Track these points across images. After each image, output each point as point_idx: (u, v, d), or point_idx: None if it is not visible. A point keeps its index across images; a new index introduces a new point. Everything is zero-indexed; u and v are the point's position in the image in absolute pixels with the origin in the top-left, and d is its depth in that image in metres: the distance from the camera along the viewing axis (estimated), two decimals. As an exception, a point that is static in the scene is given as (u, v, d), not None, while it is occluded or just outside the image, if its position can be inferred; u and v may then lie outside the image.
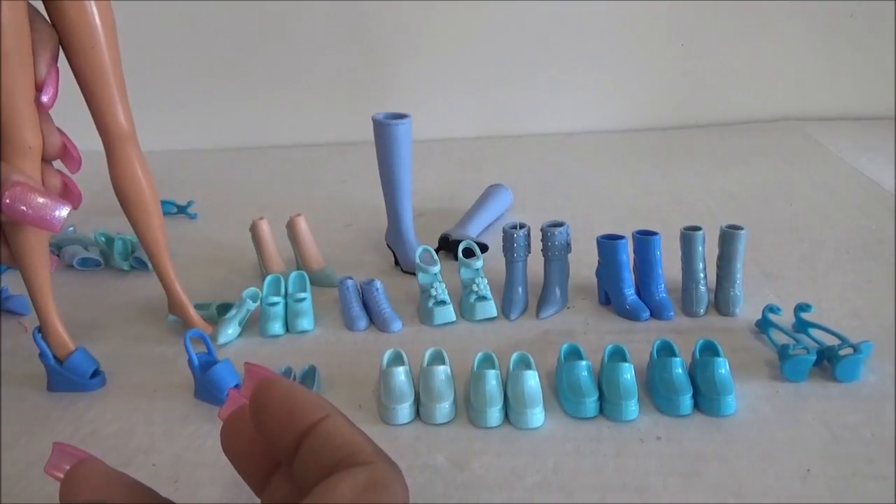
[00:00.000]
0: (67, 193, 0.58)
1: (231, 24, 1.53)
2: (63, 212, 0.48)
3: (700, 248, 0.79)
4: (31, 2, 0.54)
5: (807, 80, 1.51)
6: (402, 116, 0.85)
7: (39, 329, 0.69)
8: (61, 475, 0.28)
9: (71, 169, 0.60)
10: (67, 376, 0.70)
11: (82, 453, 0.30)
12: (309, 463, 0.27)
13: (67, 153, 0.58)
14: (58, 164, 0.60)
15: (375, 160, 0.89)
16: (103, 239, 1.02)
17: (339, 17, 1.49)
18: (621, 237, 0.80)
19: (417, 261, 0.83)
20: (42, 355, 0.70)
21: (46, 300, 0.67)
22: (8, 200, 0.46)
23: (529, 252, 0.82)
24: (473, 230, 1.01)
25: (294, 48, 1.53)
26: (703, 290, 0.79)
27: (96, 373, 0.72)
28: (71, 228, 1.11)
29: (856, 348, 0.65)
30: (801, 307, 0.73)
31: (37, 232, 0.60)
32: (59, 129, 0.58)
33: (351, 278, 0.85)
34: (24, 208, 0.46)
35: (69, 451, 0.32)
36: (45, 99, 0.55)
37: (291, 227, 0.94)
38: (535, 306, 0.82)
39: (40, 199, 0.47)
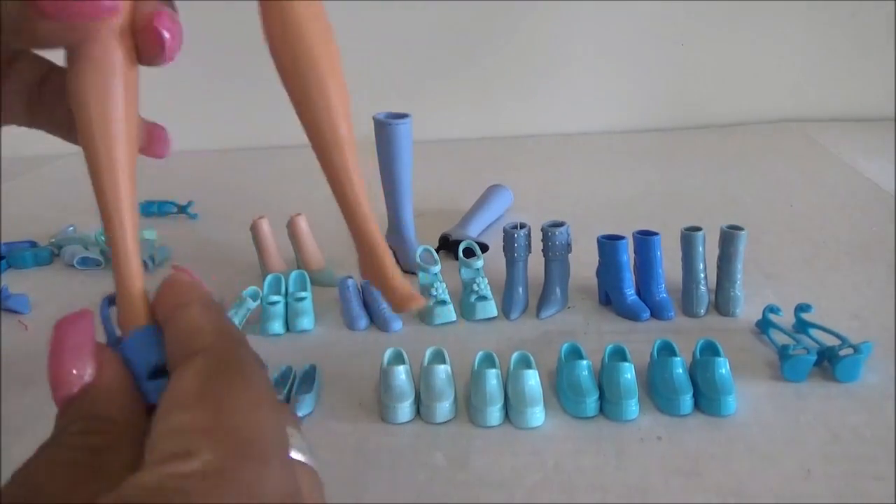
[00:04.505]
0: None
1: (231, 25, 1.53)
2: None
3: (700, 249, 0.79)
4: None
5: (807, 81, 1.51)
6: (402, 116, 0.85)
7: (110, 299, 0.34)
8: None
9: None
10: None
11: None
12: (170, 352, 0.28)
13: None
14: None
15: (376, 160, 0.89)
16: (104, 238, 1.03)
17: (339, 17, 1.48)
18: (622, 237, 0.80)
19: (418, 260, 0.83)
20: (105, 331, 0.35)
21: (123, 216, 0.32)
22: None
23: (530, 252, 0.82)
24: (474, 230, 1.01)
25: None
26: (704, 290, 0.79)
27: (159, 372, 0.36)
28: (71, 228, 1.11)
29: (856, 348, 0.65)
30: (802, 307, 0.73)
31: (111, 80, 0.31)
32: None
33: (351, 278, 0.85)
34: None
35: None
36: None
37: (292, 227, 0.94)
38: (535, 306, 0.82)
39: None
